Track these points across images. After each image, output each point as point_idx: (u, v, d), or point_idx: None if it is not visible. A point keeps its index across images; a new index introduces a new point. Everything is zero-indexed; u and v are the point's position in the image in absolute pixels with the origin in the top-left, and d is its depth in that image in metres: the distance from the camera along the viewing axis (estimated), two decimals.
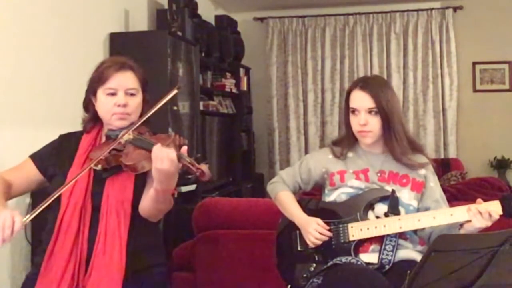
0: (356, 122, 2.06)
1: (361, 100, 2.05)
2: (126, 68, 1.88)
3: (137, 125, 1.81)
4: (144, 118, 1.84)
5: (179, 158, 1.61)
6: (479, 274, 1.52)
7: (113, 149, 1.77)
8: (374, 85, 2.08)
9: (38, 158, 1.93)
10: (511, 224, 2.03)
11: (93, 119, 1.93)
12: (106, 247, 1.73)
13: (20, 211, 2.90)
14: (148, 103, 1.94)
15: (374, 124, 2.04)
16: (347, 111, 2.12)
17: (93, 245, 1.74)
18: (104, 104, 1.86)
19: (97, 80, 1.87)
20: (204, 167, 1.62)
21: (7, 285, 2.84)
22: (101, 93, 1.86)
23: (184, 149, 1.66)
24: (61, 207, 1.79)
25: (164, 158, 1.60)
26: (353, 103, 2.07)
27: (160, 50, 3.90)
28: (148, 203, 1.77)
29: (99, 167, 1.78)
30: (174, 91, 1.84)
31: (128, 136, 1.76)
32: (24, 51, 3.03)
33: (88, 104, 1.92)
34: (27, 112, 3.03)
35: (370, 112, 2.04)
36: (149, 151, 1.67)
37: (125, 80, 1.85)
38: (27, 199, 2.89)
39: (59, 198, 1.77)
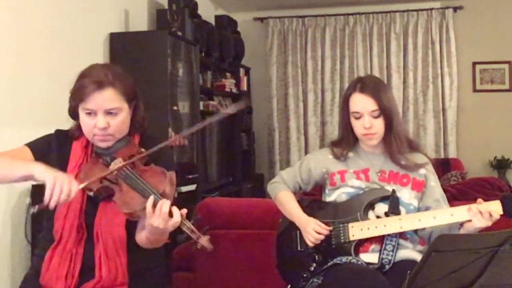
0: (360, 126, 2.05)
1: (363, 103, 2.04)
2: (104, 86, 1.71)
3: (129, 161, 1.69)
4: (141, 155, 1.72)
5: (180, 223, 1.55)
6: (479, 274, 1.52)
7: (105, 178, 1.69)
8: (373, 86, 2.07)
9: (35, 148, 1.84)
10: (511, 224, 2.03)
11: (80, 127, 1.83)
12: (109, 266, 1.70)
13: (20, 211, 2.92)
14: (140, 109, 1.86)
15: (379, 125, 2.04)
16: (346, 114, 2.10)
17: (89, 262, 1.72)
18: (84, 124, 1.76)
19: (76, 97, 1.75)
20: (204, 240, 1.55)
21: (7, 285, 2.84)
22: (81, 111, 1.76)
23: (184, 211, 1.57)
24: (57, 224, 1.74)
25: (164, 219, 1.54)
26: (355, 107, 2.06)
27: (160, 50, 3.90)
28: (142, 240, 1.73)
29: (91, 193, 1.72)
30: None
31: (119, 167, 1.67)
32: (24, 51, 3.03)
33: (73, 113, 1.82)
34: (27, 112, 3.03)
35: (373, 114, 2.03)
36: (145, 197, 1.59)
37: (103, 101, 1.71)
38: (27, 199, 2.90)
39: (55, 209, 1.72)
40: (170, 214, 1.57)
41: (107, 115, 1.73)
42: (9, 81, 2.90)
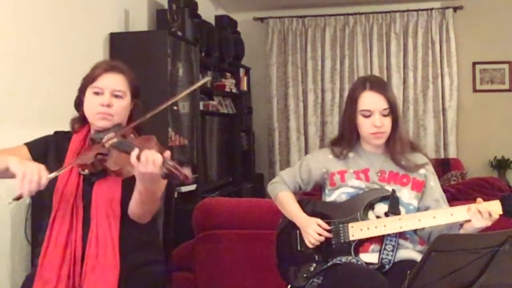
0: (369, 124, 2.05)
1: (374, 101, 2.04)
2: (116, 70, 1.90)
3: (125, 129, 1.80)
4: (134, 124, 1.84)
5: (163, 162, 1.61)
6: (479, 274, 1.52)
7: (99, 153, 1.78)
8: (383, 85, 2.09)
9: (34, 148, 1.93)
10: (511, 224, 2.03)
11: (81, 119, 1.95)
12: (98, 247, 1.75)
13: (20, 211, 2.92)
14: (139, 109, 1.95)
15: (388, 124, 2.05)
16: (353, 113, 2.08)
17: (86, 244, 1.77)
18: (89, 103, 1.88)
19: (87, 79, 1.91)
20: (187, 171, 1.62)
21: (7, 285, 2.84)
22: (89, 92, 1.89)
23: (168, 153, 1.65)
24: (53, 207, 1.81)
25: (148, 161, 1.61)
26: (366, 105, 2.05)
27: (160, 50, 3.90)
28: (134, 205, 1.79)
29: (86, 171, 1.80)
30: (206, 79, 1.82)
31: (112, 140, 1.76)
32: (24, 51, 3.03)
33: (79, 104, 1.94)
34: (27, 112, 3.03)
35: (383, 112, 2.04)
36: None
37: (113, 81, 1.88)
38: (27, 199, 2.89)
39: (51, 200, 1.81)
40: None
41: (113, 97, 1.87)
42: (9, 81, 2.90)
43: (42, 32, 3.18)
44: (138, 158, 1.62)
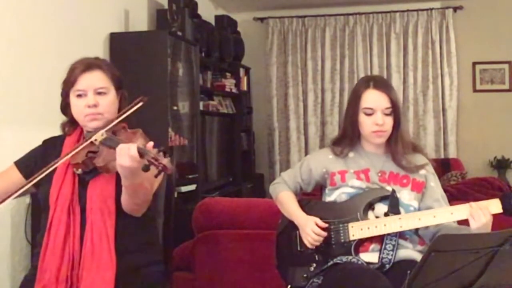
0: (371, 123, 2.05)
1: (378, 100, 2.04)
2: (93, 68, 1.87)
3: (108, 127, 1.78)
4: (114, 122, 1.80)
5: (143, 154, 1.59)
6: (479, 274, 1.52)
7: (90, 151, 1.77)
8: (386, 85, 2.10)
9: (23, 164, 1.93)
10: (511, 224, 2.03)
11: (71, 122, 1.93)
12: (94, 246, 1.74)
13: (20, 211, 2.91)
14: (126, 100, 1.93)
15: (389, 123, 2.05)
16: (356, 111, 2.09)
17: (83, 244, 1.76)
18: (75, 106, 1.86)
19: (67, 83, 1.88)
20: (165, 161, 1.60)
21: (7, 285, 2.84)
22: (72, 96, 1.87)
23: (150, 144, 1.63)
24: (50, 211, 1.80)
25: (125, 154, 1.60)
26: (368, 103, 2.05)
27: (160, 50, 3.90)
28: (124, 200, 1.79)
29: (80, 171, 1.80)
30: (139, 104, 1.79)
31: (101, 136, 1.75)
32: (24, 51, 3.03)
33: (66, 108, 1.92)
34: (27, 112, 3.03)
35: (386, 111, 2.04)
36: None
37: (93, 80, 1.85)
38: (27, 199, 2.90)
39: (47, 203, 1.80)
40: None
41: (97, 95, 1.84)
42: (9, 81, 2.90)
43: (42, 32, 3.18)
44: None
